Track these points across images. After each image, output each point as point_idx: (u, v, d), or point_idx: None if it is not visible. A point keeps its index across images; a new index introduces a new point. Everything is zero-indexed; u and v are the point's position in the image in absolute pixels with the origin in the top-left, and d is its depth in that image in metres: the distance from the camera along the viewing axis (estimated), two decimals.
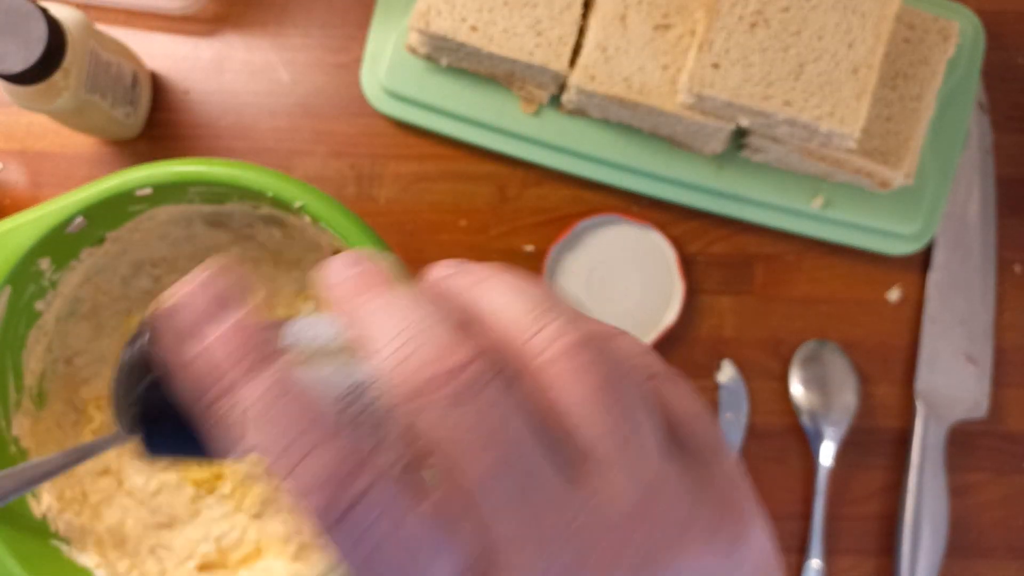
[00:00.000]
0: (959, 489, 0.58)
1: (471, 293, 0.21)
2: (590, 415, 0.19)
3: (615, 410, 0.19)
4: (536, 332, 0.20)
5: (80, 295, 0.50)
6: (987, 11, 0.60)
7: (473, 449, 0.18)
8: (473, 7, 0.53)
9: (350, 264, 0.21)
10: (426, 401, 0.18)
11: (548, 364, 0.19)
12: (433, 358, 0.18)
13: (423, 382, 0.18)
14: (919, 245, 0.58)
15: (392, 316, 0.19)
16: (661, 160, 0.57)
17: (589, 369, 0.19)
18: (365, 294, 0.20)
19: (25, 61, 0.45)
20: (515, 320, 0.20)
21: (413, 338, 0.19)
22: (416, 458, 0.19)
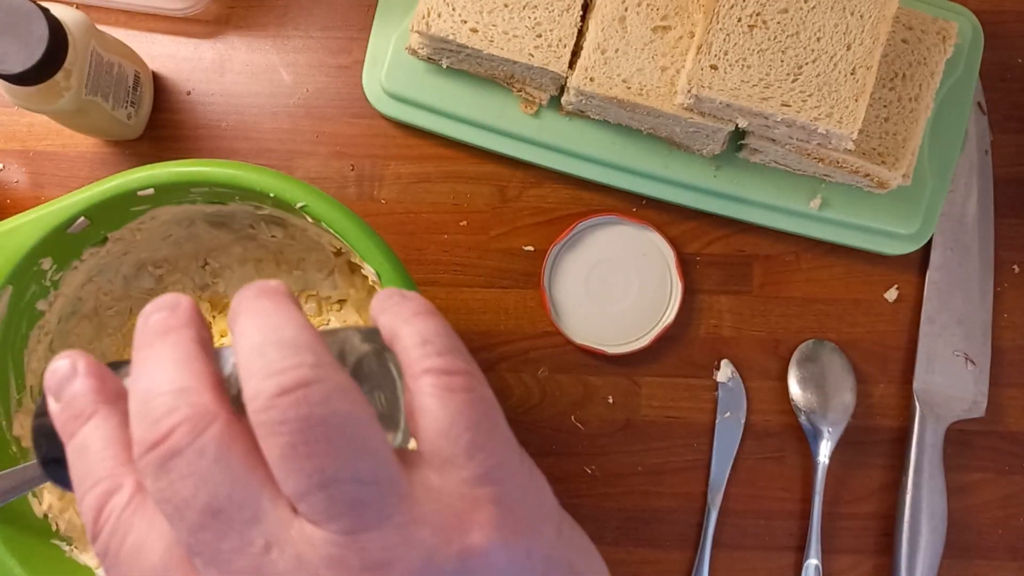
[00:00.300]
0: (957, 489, 0.58)
1: (234, 327, 0.23)
2: (286, 476, 0.21)
3: (307, 468, 0.21)
4: (247, 380, 0.22)
5: (82, 295, 0.50)
6: (986, 11, 0.60)
7: (174, 514, 0.21)
8: (473, 9, 0.54)
9: (149, 312, 0.24)
10: (142, 466, 0.21)
11: (252, 417, 0.21)
12: (146, 430, 0.21)
13: (140, 451, 0.22)
14: (917, 245, 0.58)
15: (140, 379, 0.23)
16: (660, 161, 0.57)
17: (279, 430, 0.21)
18: (146, 348, 0.23)
19: (26, 62, 0.46)
20: (240, 364, 0.22)
21: (140, 409, 0.22)
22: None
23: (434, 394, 0.23)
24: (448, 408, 0.23)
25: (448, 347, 0.25)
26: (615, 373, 0.59)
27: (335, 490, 0.21)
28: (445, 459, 0.23)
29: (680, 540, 0.58)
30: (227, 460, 0.21)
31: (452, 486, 0.23)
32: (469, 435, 0.23)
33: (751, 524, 0.58)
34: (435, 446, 0.23)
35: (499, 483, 0.23)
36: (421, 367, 0.24)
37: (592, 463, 0.58)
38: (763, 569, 0.58)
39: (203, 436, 0.21)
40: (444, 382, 0.24)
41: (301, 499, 0.21)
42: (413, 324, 0.25)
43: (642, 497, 0.58)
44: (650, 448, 0.58)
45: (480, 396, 0.24)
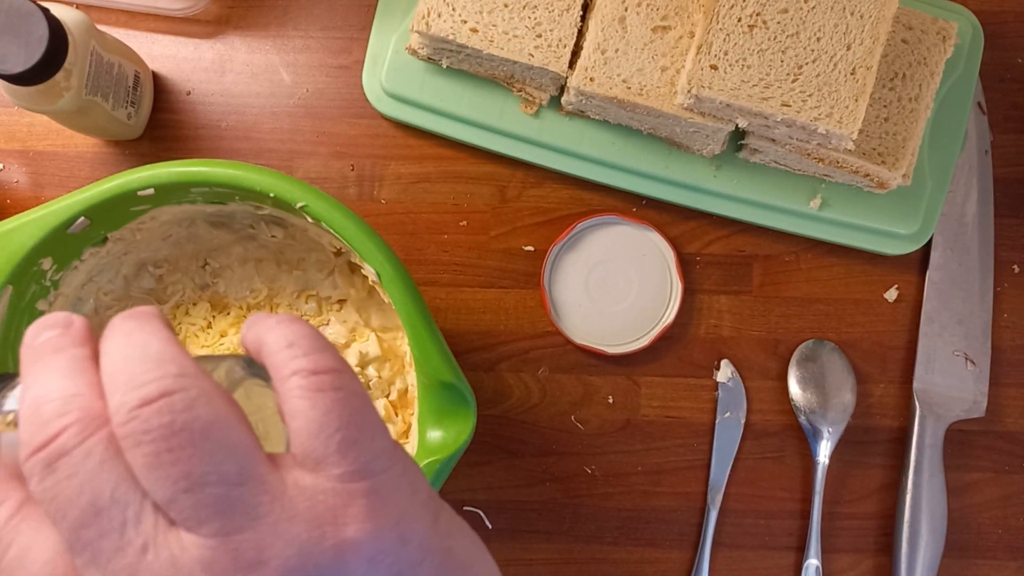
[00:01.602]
0: (957, 488, 0.58)
1: (102, 348, 0.24)
2: (154, 484, 0.21)
3: (175, 475, 0.21)
4: (111, 396, 0.22)
5: (82, 295, 0.50)
6: (986, 11, 0.60)
7: (58, 515, 0.21)
8: (473, 9, 0.54)
9: (40, 330, 0.25)
10: (29, 468, 0.22)
11: (116, 429, 0.22)
12: (35, 432, 0.22)
13: (28, 452, 0.22)
14: (917, 245, 0.58)
15: (31, 389, 0.23)
16: (660, 161, 0.57)
17: (143, 440, 0.21)
18: (31, 364, 0.24)
19: (26, 62, 0.46)
20: (105, 381, 0.23)
21: (31, 414, 0.22)
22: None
23: (303, 396, 0.23)
24: (318, 408, 0.23)
25: (314, 347, 0.25)
26: (615, 373, 0.59)
27: (202, 493, 0.21)
28: (317, 459, 0.23)
29: (680, 540, 0.58)
30: (112, 463, 0.21)
31: (326, 484, 0.23)
32: (341, 433, 0.23)
33: (751, 524, 0.58)
34: (308, 447, 0.23)
35: (373, 476, 0.23)
36: (289, 369, 0.24)
37: (592, 463, 0.58)
38: (763, 569, 0.58)
39: (91, 439, 0.22)
40: (312, 382, 0.24)
41: (171, 506, 0.21)
42: (277, 330, 0.25)
43: (642, 497, 0.58)
44: (650, 448, 0.58)
45: (350, 392, 0.24)
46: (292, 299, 0.53)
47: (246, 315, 0.53)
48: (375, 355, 0.52)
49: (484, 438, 0.58)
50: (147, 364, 0.22)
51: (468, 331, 0.59)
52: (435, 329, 0.42)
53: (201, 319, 0.52)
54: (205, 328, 0.52)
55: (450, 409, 0.42)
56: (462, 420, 0.42)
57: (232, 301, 0.53)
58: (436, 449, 0.41)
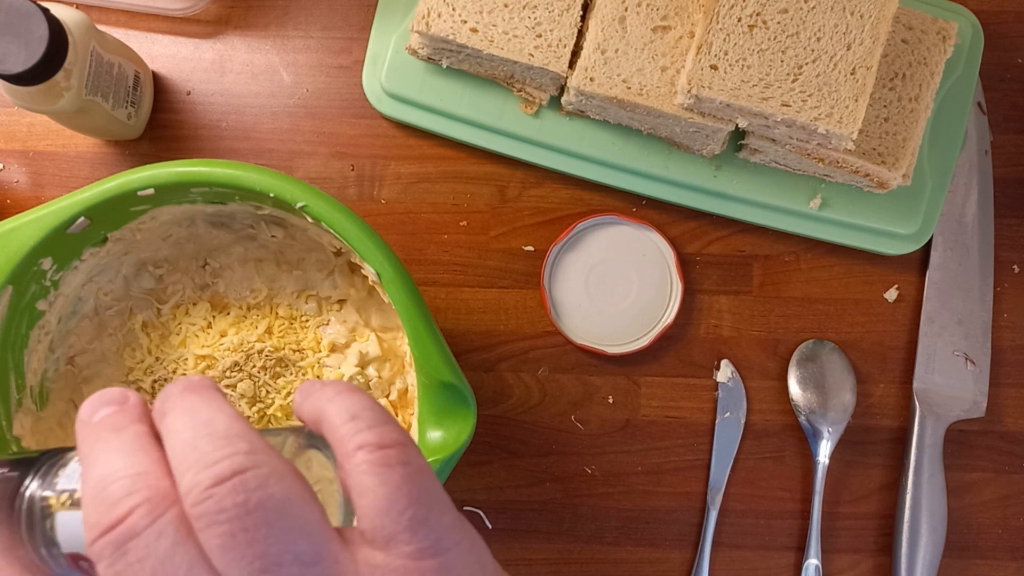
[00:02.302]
0: (957, 488, 0.58)
1: (163, 426, 0.23)
2: (227, 565, 0.21)
3: (247, 557, 0.21)
4: (183, 474, 0.22)
5: (82, 295, 0.50)
6: (986, 11, 0.60)
7: None
8: (473, 9, 0.54)
9: (95, 408, 0.24)
10: (96, 550, 0.21)
11: (189, 509, 0.21)
12: (102, 513, 0.21)
13: (95, 534, 0.21)
14: (917, 245, 0.58)
15: (95, 468, 0.22)
16: (660, 161, 0.57)
17: (217, 521, 0.21)
18: (92, 443, 0.23)
19: (26, 61, 0.46)
20: (174, 459, 0.22)
21: (97, 494, 0.22)
22: None
23: (370, 471, 0.23)
24: (387, 485, 0.23)
25: (377, 419, 0.24)
26: (615, 373, 0.59)
27: (278, 574, 0.21)
28: (388, 536, 0.23)
29: (680, 540, 0.58)
30: (184, 544, 0.21)
31: (397, 562, 0.23)
32: (411, 511, 0.23)
33: (751, 524, 0.58)
34: (376, 523, 0.23)
35: (443, 554, 0.23)
36: (354, 444, 0.24)
37: (592, 463, 0.58)
38: (763, 569, 0.58)
39: (162, 519, 0.21)
40: (379, 457, 0.23)
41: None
42: (337, 402, 0.25)
43: (642, 497, 0.58)
44: (650, 448, 0.58)
45: (417, 467, 0.24)
46: (292, 299, 0.53)
47: (246, 315, 0.53)
48: (375, 355, 0.52)
49: (484, 438, 0.58)
50: (217, 442, 0.22)
51: (468, 331, 0.59)
52: (435, 329, 0.42)
53: (201, 319, 0.52)
54: (205, 328, 0.52)
55: (450, 409, 0.42)
56: (462, 420, 0.42)
57: (232, 301, 0.53)
58: (436, 449, 0.41)
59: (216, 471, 0.21)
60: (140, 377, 0.52)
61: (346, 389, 0.25)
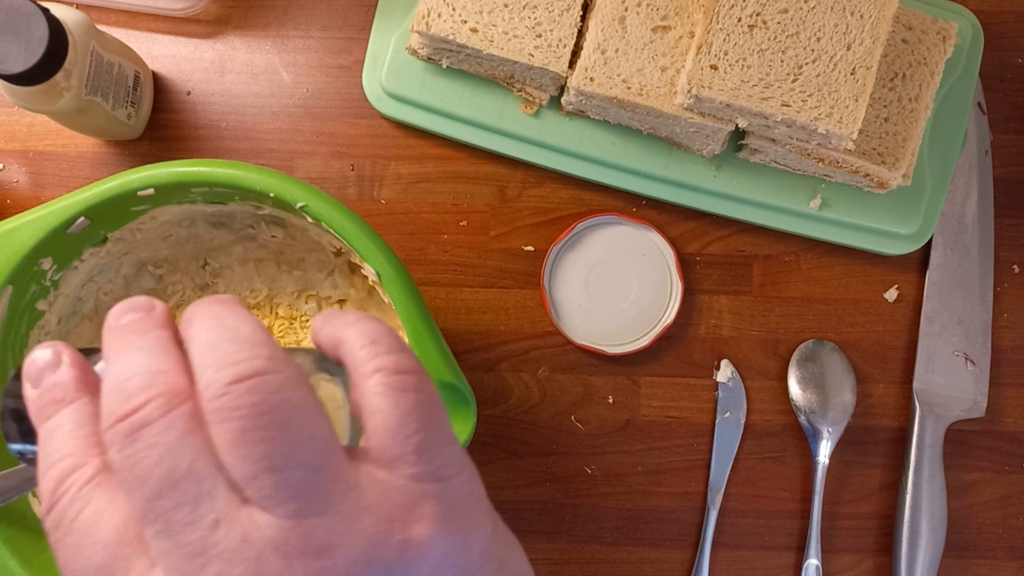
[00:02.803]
0: (957, 488, 0.58)
1: (186, 331, 0.24)
2: (235, 460, 0.22)
3: (257, 453, 0.21)
4: (203, 371, 0.23)
5: (82, 295, 0.50)
6: (986, 11, 0.60)
7: (135, 483, 0.22)
8: (473, 9, 0.54)
9: (123, 312, 0.25)
10: (110, 436, 0.22)
11: (205, 404, 0.22)
12: (119, 403, 0.22)
13: (110, 422, 0.22)
14: (917, 245, 0.58)
15: (117, 365, 0.23)
16: (660, 161, 0.57)
17: (232, 416, 0.22)
18: (116, 343, 0.24)
19: (26, 61, 0.46)
20: (195, 357, 0.23)
21: (116, 387, 0.23)
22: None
23: (385, 393, 0.24)
24: (400, 407, 0.24)
25: (396, 346, 0.25)
26: (615, 373, 0.59)
27: (284, 474, 0.22)
28: (393, 456, 0.24)
29: (680, 540, 0.58)
30: (193, 436, 0.22)
31: (399, 481, 0.23)
32: (419, 435, 0.24)
33: (751, 524, 0.58)
34: (385, 443, 0.24)
35: (444, 480, 0.24)
36: (371, 366, 0.24)
37: (592, 463, 0.58)
38: (763, 569, 0.58)
39: (174, 412, 0.22)
40: (394, 381, 0.24)
41: (249, 483, 0.22)
42: (357, 327, 0.26)
43: (642, 497, 0.58)
44: (650, 448, 0.58)
45: (429, 396, 0.25)
46: (292, 299, 0.53)
47: None
48: None
49: (484, 438, 0.58)
50: (240, 344, 0.23)
51: (468, 331, 0.59)
52: (435, 329, 0.42)
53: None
54: None
55: (450, 409, 0.42)
56: (462, 420, 0.42)
57: None
58: None
59: (236, 370, 0.22)
60: None
61: (366, 317, 0.26)
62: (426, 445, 0.24)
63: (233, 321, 0.24)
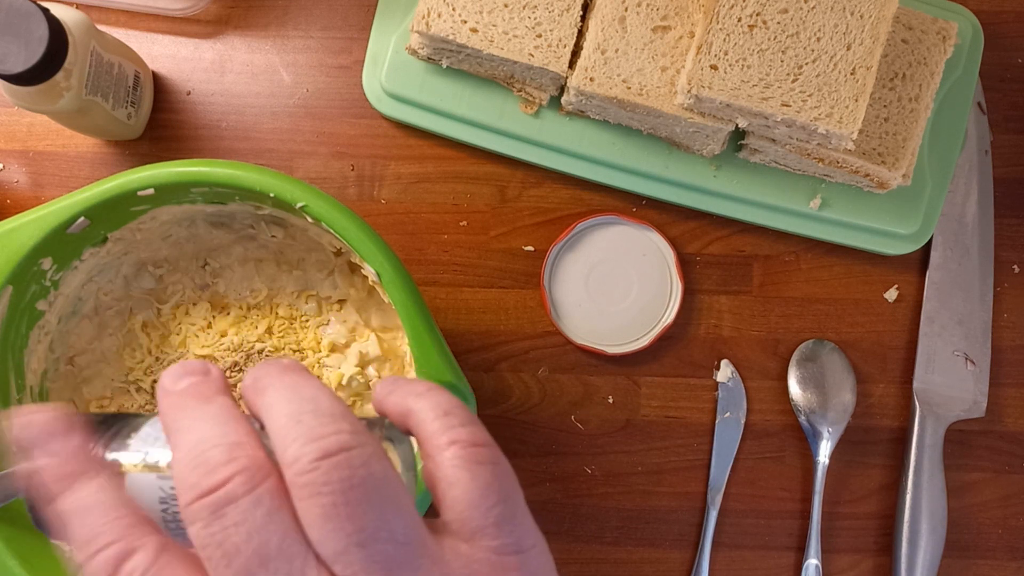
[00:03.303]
0: (957, 488, 0.58)
1: (260, 400, 0.24)
2: (324, 537, 0.21)
3: (347, 529, 0.21)
4: (288, 446, 0.22)
5: (82, 295, 0.50)
6: (986, 11, 0.60)
7: (221, 562, 0.21)
8: (473, 9, 0.54)
9: (179, 377, 0.25)
10: (192, 512, 0.22)
11: (292, 479, 0.22)
12: (201, 477, 0.22)
13: (193, 496, 0.22)
14: (917, 245, 0.58)
15: (190, 434, 0.23)
16: (660, 161, 0.57)
17: (321, 492, 0.21)
18: (180, 410, 0.24)
19: (26, 61, 0.46)
20: (278, 431, 0.23)
21: (194, 459, 0.22)
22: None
23: (463, 466, 0.24)
24: (478, 480, 0.24)
25: (469, 419, 0.25)
26: (615, 373, 0.59)
27: (373, 548, 0.21)
28: (474, 529, 0.24)
29: (680, 540, 0.58)
30: (281, 514, 0.22)
31: (480, 554, 0.24)
32: (499, 508, 0.24)
33: (751, 524, 0.58)
34: (465, 516, 0.24)
35: (523, 552, 0.24)
36: (447, 438, 0.25)
37: (592, 463, 0.58)
38: (763, 569, 0.58)
39: (260, 488, 0.22)
40: (472, 454, 0.24)
41: (339, 558, 0.21)
42: (429, 398, 0.26)
43: (642, 497, 0.58)
44: (650, 448, 0.58)
45: (505, 469, 0.25)
46: (292, 299, 0.53)
47: (246, 315, 0.53)
48: (375, 355, 0.52)
49: None
50: (323, 418, 0.23)
51: (468, 331, 0.59)
52: (435, 329, 0.42)
53: (201, 319, 0.52)
54: (205, 328, 0.52)
55: None
56: None
57: (232, 301, 0.53)
58: None
59: (324, 445, 0.22)
60: (140, 377, 0.52)
61: (436, 387, 0.26)
62: (506, 517, 0.24)
63: (311, 392, 0.23)
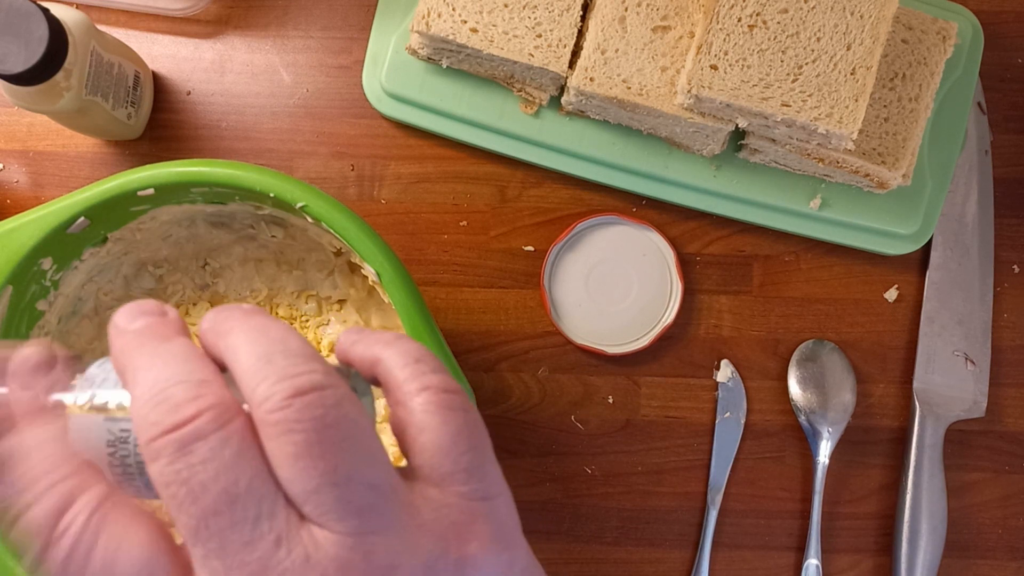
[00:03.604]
0: (957, 488, 0.58)
1: (224, 342, 0.23)
2: (294, 476, 0.21)
3: (318, 470, 0.21)
4: (257, 384, 0.22)
5: (82, 295, 0.50)
6: (986, 11, 0.60)
7: (186, 500, 0.20)
8: (473, 9, 0.54)
9: (135, 316, 0.24)
10: (155, 448, 0.21)
11: (263, 417, 0.21)
12: (165, 413, 0.21)
13: (156, 432, 0.21)
14: (917, 245, 0.58)
15: (151, 371, 0.22)
16: (660, 161, 0.57)
17: (292, 430, 0.21)
18: (137, 349, 0.23)
19: (26, 61, 0.46)
20: (247, 370, 0.22)
21: (157, 395, 0.21)
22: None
23: (434, 412, 0.24)
24: (449, 426, 0.24)
25: (440, 366, 0.25)
26: (615, 373, 0.59)
27: (346, 490, 0.21)
28: (445, 474, 0.24)
29: (680, 540, 0.58)
30: (250, 453, 0.21)
31: (451, 499, 0.23)
32: (469, 455, 0.24)
33: (751, 524, 0.58)
34: (435, 461, 0.24)
35: (492, 500, 0.24)
36: (419, 384, 0.24)
37: (592, 463, 0.58)
38: (763, 569, 0.58)
39: (229, 426, 0.21)
40: (443, 399, 0.24)
41: (309, 498, 0.21)
42: (398, 346, 0.25)
43: (642, 497, 0.58)
44: (650, 448, 0.58)
45: (475, 417, 0.25)
46: (292, 299, 0.53)
47: None
48: None
49: None
50: (295, 358, 0.22)
51: (468, 331, 0.59)
52: (435, 329, 0.42)
53: (201, 319, 0.52)
54: None
55: None
56: None
57: (232, 301, 0.53)
58: None
59: (296, 383, 0.21)
60: None
61: (404, 336, 0.26)
62: (476, 464, 0.24)
63: (280, 334, 0.23)
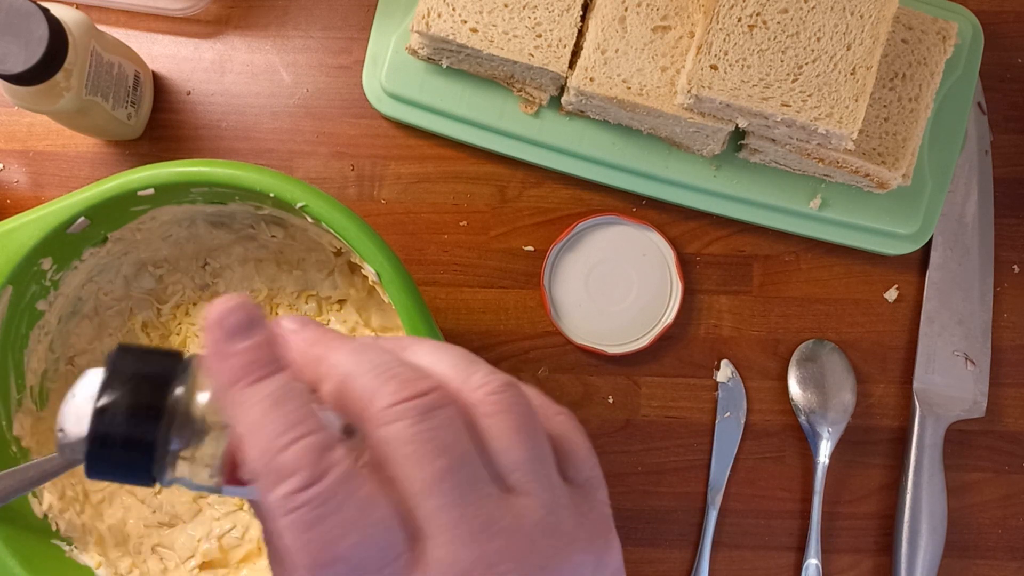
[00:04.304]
0: (957, 488, 0.58)
1: (405, 355, 0.26)
2: (510, 447, 0.24)
3: (528, 444, 0.25)
4: (465, 379, 0.25)
5: (82, 295, 0.50)
6: (986, 11, 0.60)
7: (429, 455, 0.23)
8: (473, 9, 0.54)
9: (302, 325, 0.26)
10: (397, 412, 0.23)
11: (478, 403, 0.25)
12: (400, 386, 0.24)
13: (399, 397, 0.23)
14: (917, 245, 0.58)
15: (364, 354, 0.25)
16: (660, 161, 0.57)
17: (509, 410, 0.25)
18: (342, 339, 0.26)
19: (26, 62, 0.46)
20: (447, 370, 0.26)
21: (382, 372, 0.24)
22: (377, 462, 0.24)
23: (566, 420, 0.28)
24: (583, 436, 0.27)
25: (478, 365, 0.28)
26: (615, 373, 0.59)
27: (545, 464, 0.25)
28: (587, 479, 0.27)
29: (680, 540, 0.58)
30: (468, 431, 0.24)
31: (598, 506, 0.27)
32: (592, 459, 0.28)
33: (751, 524, 0.58)
34: (578, 466, 0.27)
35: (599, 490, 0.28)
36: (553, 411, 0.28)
37: None
38: (763, 569, 0.58)
39: (452, 406, 0.24)
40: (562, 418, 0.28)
41: (518, 467, 0.24)
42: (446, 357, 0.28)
43: (642, 497, 0.58)
44: (650, 448, 0.58)
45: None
46: (292, 299, 0.53)
47: None
48: None
49: None
50: (482, 364, 0.26)
51: (468, 331, 0.59)
52: (435, 329, 0.43)
53: (201, 319, 0.52)
54: None
55: None
56: None
57: None
58: None
59: (500, 379, 0.26)
60: None
61: (443, 345, 0.28)
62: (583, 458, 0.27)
63: (454, 348, 0.27)
